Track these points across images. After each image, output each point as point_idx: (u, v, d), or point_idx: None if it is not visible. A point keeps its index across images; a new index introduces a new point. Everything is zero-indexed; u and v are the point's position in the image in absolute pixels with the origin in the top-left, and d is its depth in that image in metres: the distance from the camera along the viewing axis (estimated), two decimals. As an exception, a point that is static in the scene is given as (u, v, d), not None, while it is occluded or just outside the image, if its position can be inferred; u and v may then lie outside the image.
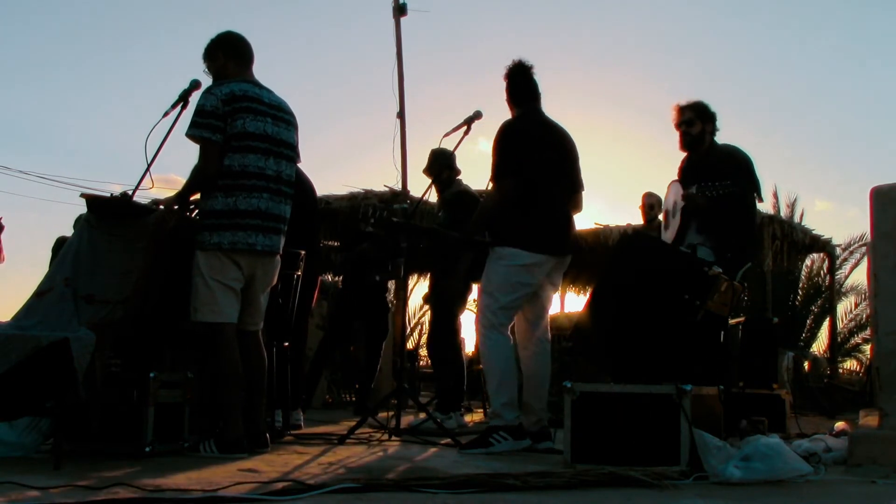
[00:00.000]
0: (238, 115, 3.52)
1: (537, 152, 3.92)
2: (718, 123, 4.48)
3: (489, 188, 4.01)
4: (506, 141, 3.93)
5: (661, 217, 5.99)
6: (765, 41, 23.29)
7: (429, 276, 6.22)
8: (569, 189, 4.10)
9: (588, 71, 23.66)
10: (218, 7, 23.46)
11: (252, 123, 3.55)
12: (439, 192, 5.63)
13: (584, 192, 4.19)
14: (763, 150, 23.54)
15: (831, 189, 24.01)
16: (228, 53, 3.69)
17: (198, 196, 3.66)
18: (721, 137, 4.51)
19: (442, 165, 5.43)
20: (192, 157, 3.57)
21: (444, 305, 5.56)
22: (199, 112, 3.51)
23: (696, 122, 4.42)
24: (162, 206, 3.65)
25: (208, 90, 3.57)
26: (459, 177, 5.67)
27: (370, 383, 6.64)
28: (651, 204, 6.80)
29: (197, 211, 3.73)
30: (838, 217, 23.66)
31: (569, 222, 4.09)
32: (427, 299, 6.10)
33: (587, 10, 23.93)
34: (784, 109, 24.27)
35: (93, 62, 26.16)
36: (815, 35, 23.07)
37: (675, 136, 4.53)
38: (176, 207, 3.64)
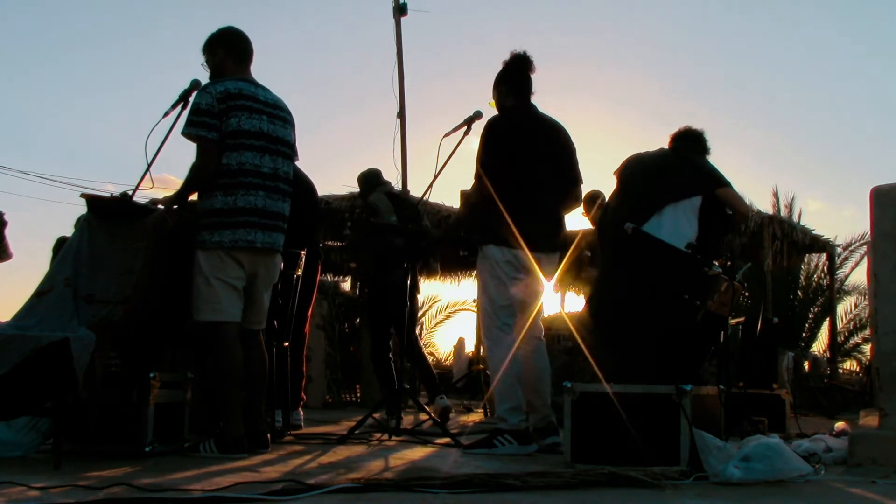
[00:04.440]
0: (233, 112, 3.52)
1: (525, 147, 3.91)
2: None
3: (472, 186, 4.01)
4: (490, 138, 3.91)
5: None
6: (763, 40, 23.31)
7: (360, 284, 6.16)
8: (565, 183, 4.07)
9: (589, 70, 23.67)
10: (218, 7, 23.45)
11: (247, 121, 3.55)
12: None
13: (582, 186, 4.18)
14: (761, 150, 23.56)
15: (826, 189, 24.02)
16: (228, 50, 3.69)
17: (194, 196, 3.66)
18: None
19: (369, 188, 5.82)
20: (192, 158, 3.57)
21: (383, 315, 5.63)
22: (194, 111, 3.51)
23: None
24: (160, 206, 3.65)
25: (203, 88, 3.57)
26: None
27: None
28: (590, 198, 6.49)
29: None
30: (834, 217, 23.66)
31: (557, 218, 4.06)
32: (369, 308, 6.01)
33: (587, 9, 23.94)
34: (781, 109, 24.28)
35: (93, 62, 26.16)
36: (813, 34, 23.09)
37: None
38: (175, 207, 3.64)
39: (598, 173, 6.78)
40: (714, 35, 23.22)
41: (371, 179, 5.87)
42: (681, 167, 3.99)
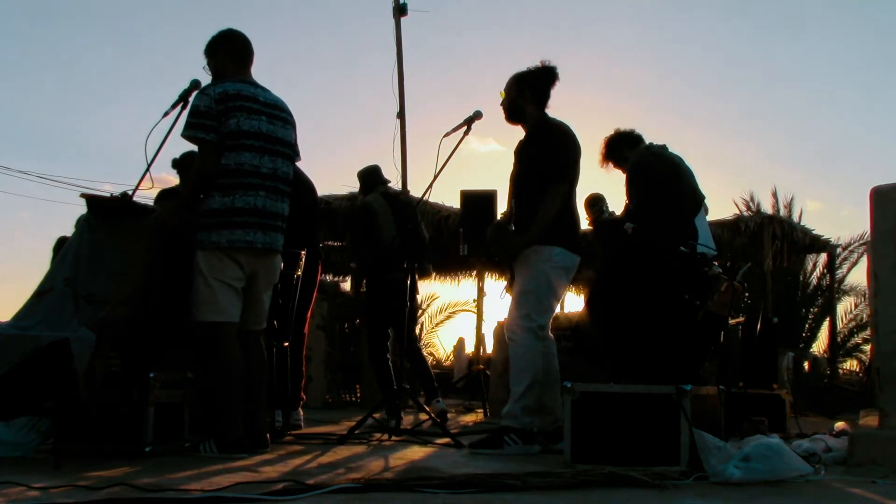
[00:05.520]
0: (231, 113, 3.52)
1: (577, 157, 4.04)
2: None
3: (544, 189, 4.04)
4: (567, 145, 3.99)
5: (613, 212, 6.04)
6: (761, 43, 23.31)
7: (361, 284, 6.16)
8: None
9: (589, 70, 23.64)
10: (218, 7, 23.45)
11: (246, 122, 3.55)
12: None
13: None
14: (761, 150, 23.57)
15: (826, 189, 23.98)
16: (229, 52, 3.70)
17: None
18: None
19: (368, 185, 5.84)
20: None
21: (383, 318, 5.64)
22: (192, 112, 3.52)
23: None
24: (165, 208, 3.65)
25: (202, 90, 3.58)
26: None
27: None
28: (594, 200, 6.52)
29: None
30: (834, 217, 23.64)
31: None
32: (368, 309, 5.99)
33: (588, 10, 23.93)
34: (780, 110, 24.26)
35: (93, 62, 26.18)
36: (812, 36, 23.09)
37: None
38: (177, 209, 3.64)
39: (601, 177, 6.74)
40: (713, 35, 23.23)
41: (369, 177, 5.86)
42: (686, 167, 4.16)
